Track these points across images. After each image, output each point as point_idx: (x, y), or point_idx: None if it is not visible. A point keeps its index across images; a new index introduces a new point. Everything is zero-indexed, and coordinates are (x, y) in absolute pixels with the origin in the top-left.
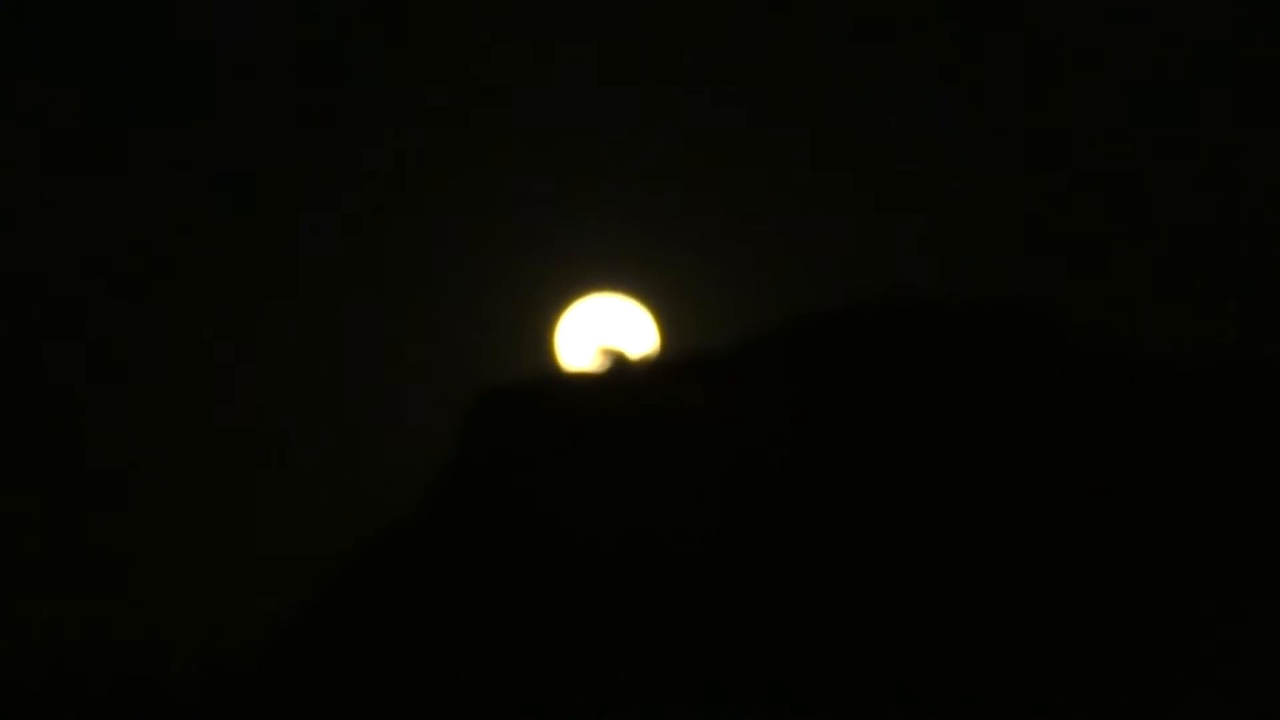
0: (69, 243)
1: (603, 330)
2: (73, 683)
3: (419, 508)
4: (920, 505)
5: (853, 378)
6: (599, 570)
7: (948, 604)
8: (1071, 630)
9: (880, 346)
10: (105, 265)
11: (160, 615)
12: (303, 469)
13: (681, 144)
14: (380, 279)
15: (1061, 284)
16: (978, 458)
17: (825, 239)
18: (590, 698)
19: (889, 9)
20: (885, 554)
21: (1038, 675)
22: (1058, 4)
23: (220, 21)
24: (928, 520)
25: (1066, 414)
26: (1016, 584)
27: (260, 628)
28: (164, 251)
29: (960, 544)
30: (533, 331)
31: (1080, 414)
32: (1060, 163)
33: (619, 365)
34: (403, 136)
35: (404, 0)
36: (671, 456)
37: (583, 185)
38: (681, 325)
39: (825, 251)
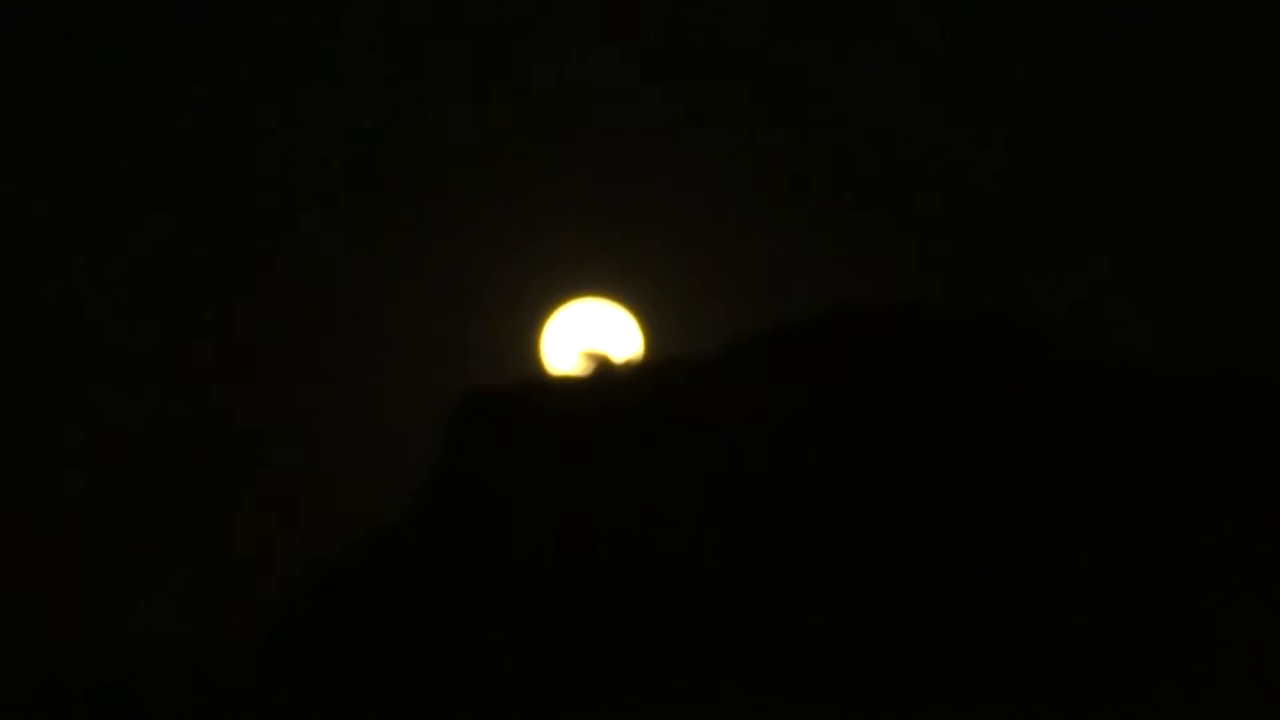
0: (60, 245)
1: (588, 334)
2: (60, 684)
3: (405, 510)
4: (906, 508)
5: (835, 382)
6: (583, 569)
7: (938, 603)
8: (1062, 628)
9: (865, 351)
10: (96, 267)
11: (147, 618)
12: (289, 471)
13: (667, 151)
14: (367, 284)
15: (1051, 290)
16: (965, 461)
17: (810, 245)
18: (576, 695)
19: (883, 16)
20: (870, 554)
21: (1031, 674)
22: (1053, 16)
23: (219, 19)
24: (914, 523)
25: (1054, 417)
26: (1007, 583)
27: (247, 629)
28: (151, 257)
29: (948, 545)
30: (519, 335)
31: (1068, 418)
32: (1051, 170)
33: (604, 369)
34: (389, 144)
35: (398, 7)
36: (656, 459)
37: (568, 192)
38: (666, 329)
39: (810, 257)
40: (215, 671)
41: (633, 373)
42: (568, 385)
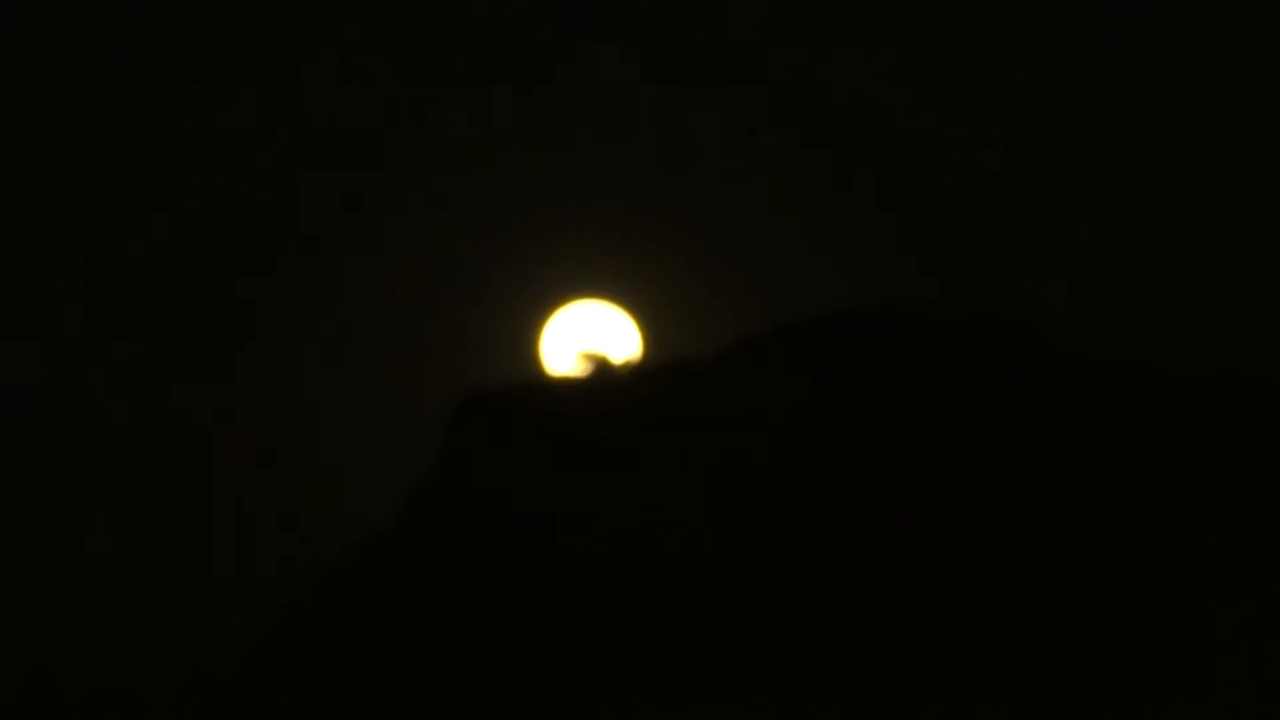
0: (60, 245)
1: (587, 336)
2: (58, 685)
3: (403, 511)
4: (906, 509)
5: (835, 383)
6: (582, 571)
7: (938, 603)
8: (1072, 629)
9: (864, 352)
10: (96, 267)
11: (145, 618)
12: (288, 472)
13: (667, 151)
14: (364, 284)
15: (1051, 290)
16: (965, 461)
17: (809, 246)
18: (576, 695)
19: (883, 16)
20: (870, 554)
21: (1031, 674)
22: (1053, 14)
23: (220, 20)
24: (914, 524)
25: (1054, 418)
26: (1016, 583)
27: (247, 629)
28: (149, 257)
29: (948, 546)
30: (518, 336)
31: (1068, 418)
32: (1051, 170)
33: (602, 370)
34: (389, 144)
35: (398, 7)
36: (655, 460)
37: (568, 192)
38: (665, 331)
39: (809, 258)
40: (215, 671)
41: (632, 374)
42: (566, 386)
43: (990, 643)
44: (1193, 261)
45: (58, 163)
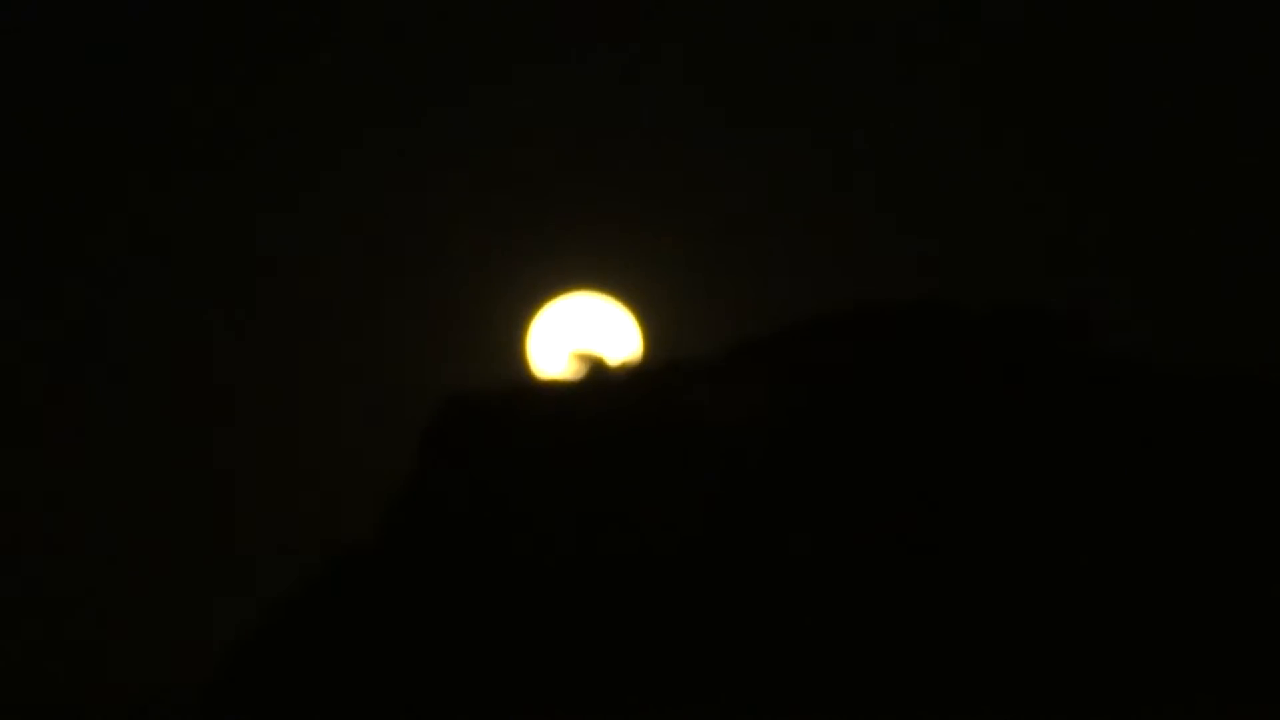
0: (57, 244)
1: (579, 333)
2: (52, 687)
3: (380, 521)
4: (907, 511)
5: (835, 384)
6: (577, 576)
7: (939, 604)
8: (1073, 629)
9: (865, 352)
10: (92, 267)
11: (139, 620)
12: (268, 475)
13: (664, 143)
14: (342, 282)
15: (1051, 289)
16: (966, 462)
17: (809, 246)
18: (574, 696)
19: (886, 13)
20: (871, 557)
21: (1036, 675)
22: (1059, 10)
23: (209, 20)
24: (916, 525)
25: (1063, 418)
26: (1016, 583)
27: (240, 631)
28: (141, 257)
29: (949, 547)
30: (503, 334)
31: (1068, 418)
32: (1051, 170)
33: (596, 371)
34: (375, 140)
35: (392, 5)
36: (653, 466)
37: (560, 179)
38: (665, 328)
39: (809, 258)
40: (209, 674)
41: (629, 375)
42: (557, 389)
43: (990, 643)
44: (1192, 261)
45: (58, 163)
